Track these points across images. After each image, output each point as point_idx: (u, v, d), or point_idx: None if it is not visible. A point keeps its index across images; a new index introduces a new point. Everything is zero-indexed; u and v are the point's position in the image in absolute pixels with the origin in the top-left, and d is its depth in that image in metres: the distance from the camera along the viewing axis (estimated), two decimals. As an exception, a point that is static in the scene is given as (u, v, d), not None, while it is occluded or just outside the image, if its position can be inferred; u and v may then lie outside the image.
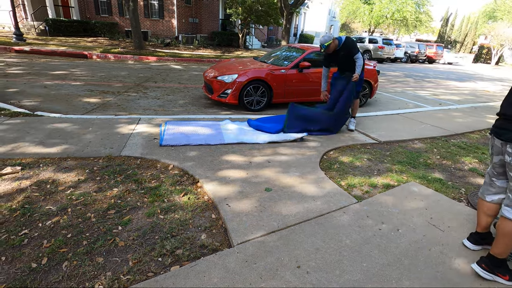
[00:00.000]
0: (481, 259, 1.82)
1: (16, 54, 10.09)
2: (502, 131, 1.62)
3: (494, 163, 1.77)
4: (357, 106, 4.55)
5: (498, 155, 1.70)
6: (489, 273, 1.77)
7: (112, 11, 17.51)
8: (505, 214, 1.66)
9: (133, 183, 2.61)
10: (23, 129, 3.56)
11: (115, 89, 6.17)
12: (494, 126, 1.70)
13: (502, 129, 1.62)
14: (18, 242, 1.87)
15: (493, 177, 1.82)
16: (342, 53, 4.18)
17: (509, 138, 1.58)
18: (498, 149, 1.68)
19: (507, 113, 1.58)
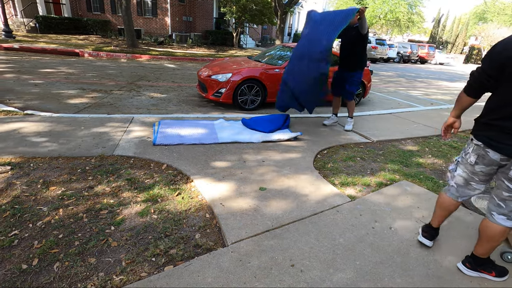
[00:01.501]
0: (466, 258, 1.86)
1: (5, 52, 9.89)
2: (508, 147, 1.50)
3: (479, 172, 1.68)
4: (353, 106, 4.52)
5: (490, 166, 1.63)
6: (473, 271, 1.82)
7: (104, 8, 17.29)
8: (499, 222, 1.65)
9: (126, 183, 2.59)
10: (13, 128, 3.49)
11: (108, 88, 6.09)
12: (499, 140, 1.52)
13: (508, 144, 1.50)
14: (8, 243, 1.83)
15: (471, 181, 1.76)
16: (354, 33, 3.96)
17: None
18: (492, 161, 1.60)
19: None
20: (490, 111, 1.57)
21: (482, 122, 1.61)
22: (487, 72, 1.54)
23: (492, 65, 1.51)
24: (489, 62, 1.52)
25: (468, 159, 1.71)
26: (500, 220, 1.65)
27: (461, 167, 1.79)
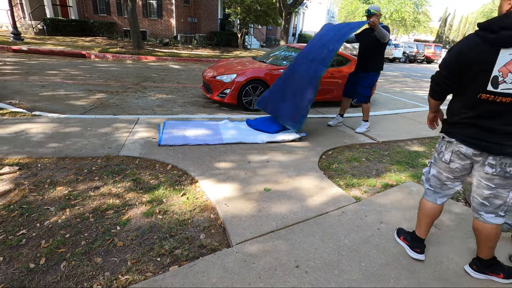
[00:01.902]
0: (472, 261, 1.83)
1: (14, 54, 10.05)
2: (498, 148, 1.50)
3: (455, 169, 1.68)
4: (368, 110, 4.37)
5: (465, 161, 1.64)
6: (480, 273, 1.79)
7: (110, 10, 17.47)
8: (489, 221, 1.66)
9: (132, 183, 2.61)
10: (21, 129, 3.55)
11: (114, 89, 6.15)
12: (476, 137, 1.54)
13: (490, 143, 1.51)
14: (16, 242, 1.86)
15: (447, 181, 1.76)
16: (373, 34, 3.89)
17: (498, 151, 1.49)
18: (466, 155, 1.61)
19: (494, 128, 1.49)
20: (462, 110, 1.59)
21: (456, 122, 1.63)
22: (448, 77, 1.58)
23: (450, 69, 1.55)
24: (447, 67, 1.57)
25: (442, 158, 1.71)
26: (489, 219, 1.66)
27: (435, 168, 1.79)
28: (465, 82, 1.52)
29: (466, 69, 1.48)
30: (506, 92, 1.39)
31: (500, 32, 1.36)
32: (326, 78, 5.54)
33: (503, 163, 1.51)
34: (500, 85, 1.40)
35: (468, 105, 1.55)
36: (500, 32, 1.36)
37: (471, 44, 1.46)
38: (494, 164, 1.53)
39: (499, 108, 1.45)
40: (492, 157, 1.53)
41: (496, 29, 1.38)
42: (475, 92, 1.48)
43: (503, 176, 1.53)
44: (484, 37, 1.41)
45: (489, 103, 1.46)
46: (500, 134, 1.48)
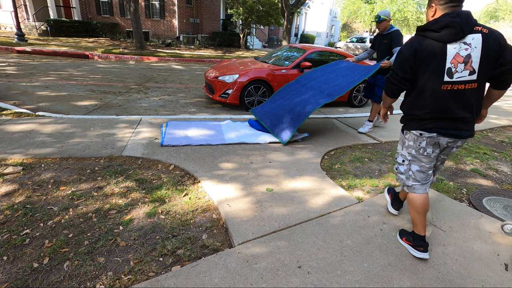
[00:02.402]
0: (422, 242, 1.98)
1: (18, 55, 10.13)
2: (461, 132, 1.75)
3: (434, 157, 1.86)
4: (376, 111, 4.36)
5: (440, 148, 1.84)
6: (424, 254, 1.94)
7: (113, 11, 17.56)
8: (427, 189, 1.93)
9: (134, 183, 2.61)
10: (25, 129, 3.57)
11: (116, 89, 6.18)
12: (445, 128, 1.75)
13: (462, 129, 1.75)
14: (19, 242, 1.87)
15: (428, 170, 1.90)
16: (385, 41, 3.98)
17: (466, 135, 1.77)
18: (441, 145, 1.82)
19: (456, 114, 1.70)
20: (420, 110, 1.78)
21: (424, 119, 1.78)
22: (404, 77, 1.76)
23: (406, 69, 1.73)
24: (404, 68, 1.73)
25: (424, 153, 1.85)
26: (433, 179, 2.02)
27: (415, 164, 1.91)
28: (423, 80, 1.71)
29: (424, 65, 1.66)
30: (460, 80, 1.64)
31: (442, 31, 1.61)
32: None
33: (462, 143, 1.84)
34: (454, 75, 1.64)
35: (434, 99, 1.71)
36: (442, 31, 1.62)
37: (423, 43, 1.66)
38: (459, 145, 1.85)
39: (457, 96, 1.68)
40: (461, 141, 1.82)
41: (438, 29, 1.63)
42: (437, 85, 1.68)
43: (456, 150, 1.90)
44: (431, 37, 1.64)
45: (450, 93, 1.67)
46: (463, 120, 1.72)
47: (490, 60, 1.61)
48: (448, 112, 1.71)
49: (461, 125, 1.74)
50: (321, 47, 5.98)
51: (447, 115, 1.72)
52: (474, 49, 1.60)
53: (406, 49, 1.72)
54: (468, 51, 1.60)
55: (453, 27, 1.59)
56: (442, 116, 1.73)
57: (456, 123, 1.74)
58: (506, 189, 3.05)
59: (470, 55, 1.60)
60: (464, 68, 1.62)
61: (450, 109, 1.70)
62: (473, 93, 1.67)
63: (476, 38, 1.59)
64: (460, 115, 1.70)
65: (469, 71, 1.62)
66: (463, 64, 1.62)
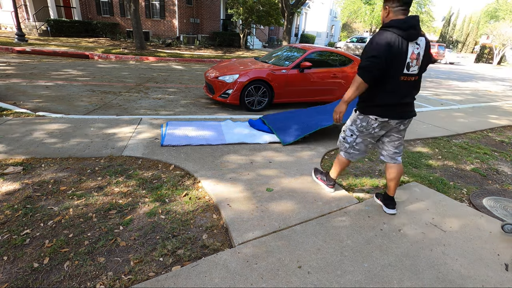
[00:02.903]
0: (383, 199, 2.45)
1: (18, 55, 10.13)
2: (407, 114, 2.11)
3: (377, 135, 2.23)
4: None
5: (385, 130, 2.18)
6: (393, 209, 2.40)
7: (113, 11, 17.57)
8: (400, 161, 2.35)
9: (135, 183, 2.61)
10: (25, 129, 3.57)
11: (117, 89, 6.18)
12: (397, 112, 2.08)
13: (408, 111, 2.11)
14: (20, 242, 1.87)
15: (370, 144, 2.31)
16: None
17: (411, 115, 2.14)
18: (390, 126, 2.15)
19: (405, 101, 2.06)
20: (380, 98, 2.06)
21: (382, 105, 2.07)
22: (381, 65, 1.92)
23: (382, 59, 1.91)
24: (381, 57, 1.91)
25: (373, 131, 2.18)
26: (400, 160, 2.32)
27: (361, 138, 2.26)
28: (389, 71, 1.96)
29: (394, 58, 1.92)
30: (413, 73, 2.00)
31: (408, 30, 1.89)
32: (328, 79, 5.54)
33: (408, 122, 2.18)
34: (410, 69, 1.98)
35: (393, 88, 2.01)
36: (408, 30, 1.89)
37: (394, 39, 1.90)
38: (406, 124, 2.18)
39: (407, 86, 2.03)
40: (407, 121, 2.16)
41: (405, 28, 1.88)
42: (398, 76, 1.98)
43: (405, 129, 2.22)
44: (399, 34, 1.89)
45: (405, 83, 2.01)
46: (410, 104, 2.11)
47: (426, 59, 2.03)
48: (401, 99, 2.05)
49: (407, 108, 2.12)
50: (321, 47, 5.97)
51: (400, 101, 2.06)
52: (421, 49, 1.98)
53: (383, 42, 1.90)
54: (418, 50, 1.97)
55: (415, 29, 1.90)
56: (397, 102, 2.06)
57: (404, 107, 2.10)
58: (506, 189, 3.05)
59: (419, 54, 1.98)
60: (415, 63, 1.99)
61: (403, 96, 2.05)
62: (416, 83, 2.08)
63: (422, 40, 1.98)
64: (408, 101, 2.09)
65: (418, 66, 2.00)
66: (415, 60, 1.98)
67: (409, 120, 2.17)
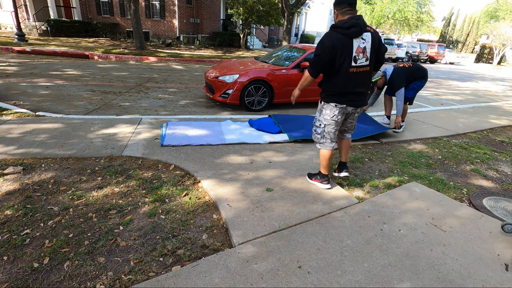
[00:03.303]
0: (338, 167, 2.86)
1: (18, 55, 10.13)
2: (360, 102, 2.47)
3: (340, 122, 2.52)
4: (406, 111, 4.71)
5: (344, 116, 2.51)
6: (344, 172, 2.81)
7: (113, 11, 17.56)
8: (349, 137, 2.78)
9: (135, 183, 2.61)
10: (25, 129, 3.57)
11: (117, 89, 6.18)
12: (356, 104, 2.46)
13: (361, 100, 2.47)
14: (20, 242, 1.87)
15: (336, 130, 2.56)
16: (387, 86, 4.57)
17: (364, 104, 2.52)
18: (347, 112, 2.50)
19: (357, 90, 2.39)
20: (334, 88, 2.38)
21: (337, 94, 2.39)
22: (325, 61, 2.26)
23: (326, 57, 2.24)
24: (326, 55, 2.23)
25: (336, 118, 2.47)
26: (348, 136, 2.77)
27: (329, 127, 2.52)
28: (338, 64, 2.26)
29: (339, 54, 2.22)
30: (360, 64, 2.30)
31: (350, 29, 2.19)
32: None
33: (361, 110, 2.58)
34: (358, 61, 2.28)
35: (344, 79, 2.33)
36: (350, 29, 2.19)
37: (338, 37, 2.21)
38: (359, 111, 2.58)
39: (358, 76, 2.34)
40: (360, 108, 2.54)
41: (347, 27, 2.19)
42: (347, 69, 2.28)
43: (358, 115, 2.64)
44: (342, 33, 2.20)
45: (354, 74, 2.32)
46: (362, 93, 2.45)
47: (375, 50, 2.32)
48: (353, 88, 2.37)
49: (360, 97, 2.46)
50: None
51: (352, 91, 2.38)
52: (367, 43, 2.26)
53: (327, 42, 2.22)
54: (364, 44, 2.25)
55: (356, 27, 2.18)
56: (349, 91, 2.37)
57: (357, 96, 2.44)
58: (506, 189, 3.05)
59: (365, 47, 2.26)
60: (363, 56, 2.28)
61: (354, 86, 2.37)
62: (367, 74, 2.39)
63: (368, 36, 2.26)
64: (360, 90, 2.42)
65: (365, 58, 2.29)
66: (362, 53, 2.26)
67: (361, 108, 2.56)
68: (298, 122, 4.33)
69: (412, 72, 4.39)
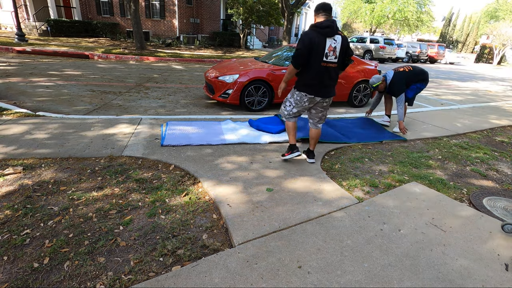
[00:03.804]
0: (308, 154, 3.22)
1: (18, 55, 10.14)
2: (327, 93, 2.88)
3: (306, 106, 2.97)
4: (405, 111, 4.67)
5: (312, 104, 2.95)
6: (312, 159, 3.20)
7: (113, 11, 17.57)
8: (320, 127, 3.16)
9: (135, 183, 2.62)
10: (25, 129, 3.57)
11: (117, 90, 6.18)
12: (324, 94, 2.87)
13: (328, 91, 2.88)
14: (20, 242, 1.87)
15: (301, 113, 3.06)
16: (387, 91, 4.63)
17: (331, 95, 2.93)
18: (315, 101, 2.91)
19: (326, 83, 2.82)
20: (307, 79, 2.82)
21: (306, 84, 2.85)
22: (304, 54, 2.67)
23: (305, 51, 2.66)
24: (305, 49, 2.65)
25: (303, 104, 2.95)
26: (320, 126, 3.16)
27: (295, 108, 3.01)
28: (313, 58, 2.69)
29: (315, 48, 2.65)
30: (330, 61, 2.74)
31: (325, 29, 2.63)
32: None
33: (329, 100, 2.98)
34: (328, 57, 2.71)
35: (316, 72, 2.76)
36: (325, 29, 2.63)
37: (315, 35, 2.64)
38: (327, 101, 2.97)
39: (327, 70, 2.77)
40: (328, 99, 2.95)
41: (322, 28, 2.64)
42: (319, 63, 2.71)
43: (328, 106, 3.02)
44: (319, 32, 2.64)
45: (324, 68, 2.75)
46: (330, 85, 2.88)
47: (343, 52, 2.76)
48: (322, 80, 2.79)
49: (328, 89, 2.88)
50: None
51: (321, 82, 2.80)
52: (338, 44, 2.70)
53: (306, 38, 2.65)
54: (335, 45, 2.69)
55: (330, 28, 2.62)
56: (319, 82, 2.80)
57: (326, 88, 2.86)
58: (506, 189, 3.05)
59: (336, 47, 2.70)
60: (333, 54, 2.71)
61: (323, 78, 2.79)
62: (335, 70, 2.83)
63: (339, 38, 2.70)
64: (328, 82, 2.85)
65: (335, 56, 2.73)
66: (332, 51, 2.70)
67: (329, 98, 2.95)
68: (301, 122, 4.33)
69: (413, 75, 4.41)
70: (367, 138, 4.13)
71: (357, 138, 4.08)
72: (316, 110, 3.02)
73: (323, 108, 3.00)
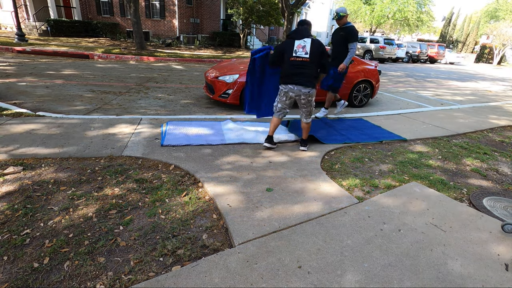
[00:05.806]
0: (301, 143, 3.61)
1: (18, 55, 10.13)
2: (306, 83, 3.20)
3: (290, 101, 3.36)
4: (331, 99, 5.02)
5: (289, 99, 3.33)
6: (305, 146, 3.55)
7: (113, 11, 17.57)
8: (308, 121, 3.48)
9: (135, 183, 2.61)
10: (25, 129, 3.57)
11: (117, 89, 6.18)
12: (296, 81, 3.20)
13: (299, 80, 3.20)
14: (20, 242, 1.87)
15: (286, 107, 3.41)
16: (342, 33, 4.58)
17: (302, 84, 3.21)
18: (295, 93, 3.24)
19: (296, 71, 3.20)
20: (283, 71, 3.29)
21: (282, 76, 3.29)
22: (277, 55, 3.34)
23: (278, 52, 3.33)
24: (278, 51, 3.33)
25: (284, 98, 3.35)
26: (308, 120, 3.48)
27: (281, 104, 3.39)
28: (284, 56, 3.26)
29: (287, 49, 3.25)
30: (299, 55, 3.19)
31: (293, 34, 3.29)
32: None
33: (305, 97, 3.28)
34: (297, 53, 3.20)
35: (287, 65, 3.23)
36: (293, 34, 3.29)
37: (287, 41, 3.29)
38: (303, 98, 3.29)
39: (297, 64, 3.20)
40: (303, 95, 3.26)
41: (292, 33, 3.30)
42: (289, 58, 3.22)
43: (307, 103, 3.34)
44: (290, 37, 3.30)
45: (294, 62, 3.21)
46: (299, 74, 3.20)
47: (316, 51, 3.20)
48: (293, 71, 3.20)
49: (298, 77, 3.20)
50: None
51: (293, 72, 3.20)
52: (307, 43, 3.20)
53: (280, 44, 3.36)
54: (304, 44, 3.20)
55: (298, 33, 3.26)
56: (290, 73, 3.21)
57: (296, 76, 3.20)
58: (506, 189, 3.05)
59: (305, 45, 3.19)
60: (302, 50, 3.19)
61: (294, 68, 3.20)
62: (306, 64, 3.20)
63: (308, 40, 3.21)
64: (298, 71, 3.20)
65: (304, 52, 3.18)
66: (301, 48, 3.19)
67: (305, 95, 3.25)
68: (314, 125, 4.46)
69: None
70: (367, 138, 4.14)
71: (357, 138, 4.08)
72: (300, 107, 3.40)
73: (303, 105, 3.34)
